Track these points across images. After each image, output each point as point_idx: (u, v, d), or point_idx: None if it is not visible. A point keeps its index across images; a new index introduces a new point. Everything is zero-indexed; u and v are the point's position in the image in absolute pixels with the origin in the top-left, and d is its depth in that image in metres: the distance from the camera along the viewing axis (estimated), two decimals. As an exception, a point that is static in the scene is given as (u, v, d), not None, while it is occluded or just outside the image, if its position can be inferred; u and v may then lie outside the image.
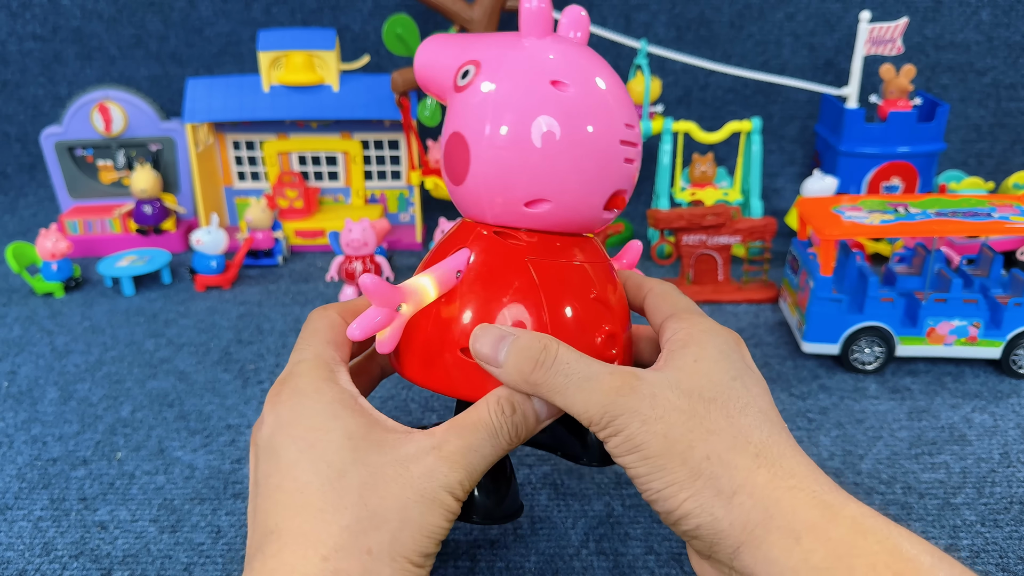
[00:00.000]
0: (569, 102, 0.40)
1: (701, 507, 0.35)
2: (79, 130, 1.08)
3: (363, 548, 0.34)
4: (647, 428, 0.36)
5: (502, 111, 0.40)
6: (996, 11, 1.13)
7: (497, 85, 0.41)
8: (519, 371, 0.38)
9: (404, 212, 1.14)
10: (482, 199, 0.42)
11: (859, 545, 0.32)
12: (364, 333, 0.40)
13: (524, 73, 0.41)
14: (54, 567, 0.54)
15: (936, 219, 0.72)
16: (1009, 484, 0.61)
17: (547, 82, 0.40)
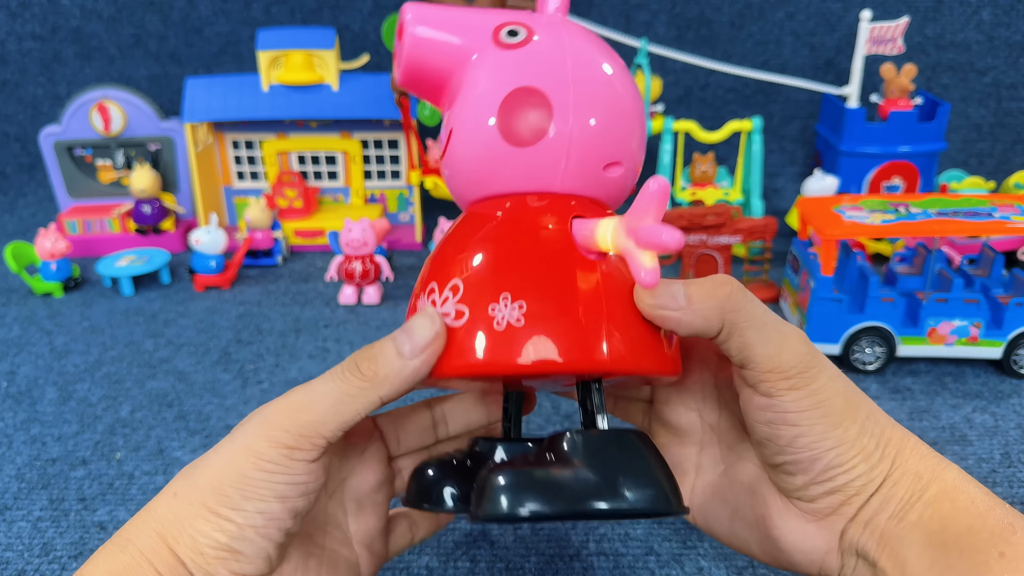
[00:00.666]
0: (617, 62, 0.40)
1: (865, 460, 0.36)
2: (78, 130, 1.08)
3: (171, 492, 0.36)
4: (832, 385, 0.36)
5: (585, 64, 0.37)
6: (997, 11, 1.13)
7: (561, 42, 0.38)
8: (715, 304, 0.35)
9: (404, 212, 1.14)
10: (559, 162, 0.37)
11: (961, 487, 0.35)
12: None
13: (573, 31, 0.39)
14: (53, 567, 0.53)
15: (937, 219, 0.71)
16: (1010, 484, 0.60)
17: (591, 37, 0.40)
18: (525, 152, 0.37)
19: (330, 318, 0.89)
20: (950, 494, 0.35)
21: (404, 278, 0.99)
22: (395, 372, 0.35)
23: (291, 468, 0.35)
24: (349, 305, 0.92)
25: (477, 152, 0.38)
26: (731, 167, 1.16)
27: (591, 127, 0.37)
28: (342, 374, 0.36)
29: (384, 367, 0.35)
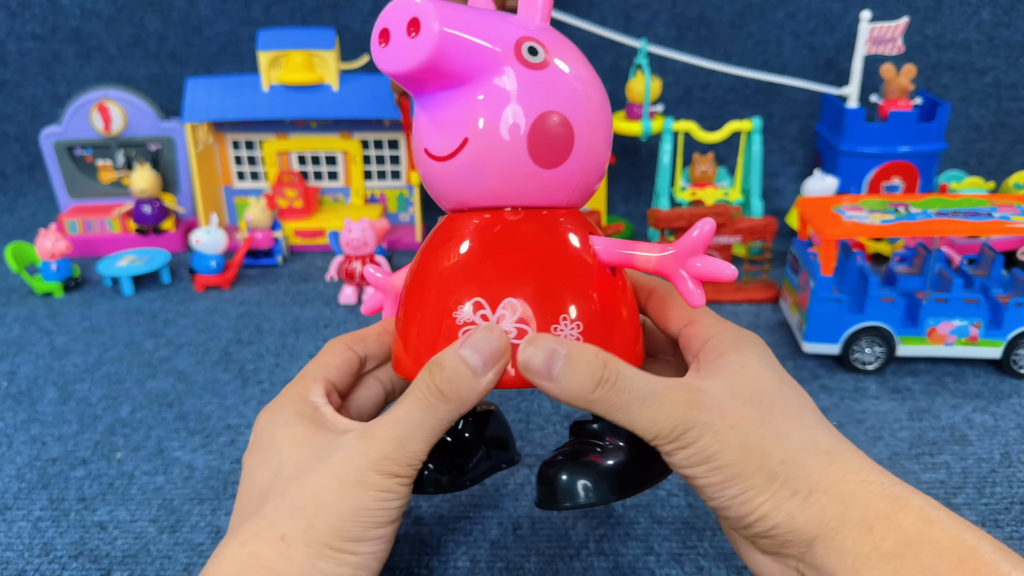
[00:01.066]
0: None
1: (778, 508, 0.35)
2: (78, 130, 1.08)
3: (276, 535, 0.36)
4: (720, 439, 0.36)
5: (591, 90, 0.42)
6: (997, 10, 1.13)
7: (571, 67, 0.42)
8: (579, 388, 0.37)
9: (404, 212, 1.14)
10: (571, 181, 0.42)
11: (926, 533, 0.33)
12: (369, 310, 0.49)
13: (574, 52, 0.43)
14: (53, 567, 0.54)
15: (937, 219, 0.71)
16: (1010, 484, 0.61)
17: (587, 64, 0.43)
18: (548, 172, 0.41)
19: (330, 318, 0.89)
20: (912, 546, 0.33)
21: (404, 278, 0.99)
22: (473, 390, 0.38)
23: (403, 492, 0.38)
24: (349, 305, 0.92)
25: (500, 167, 0.40)
26: (731, 167, 1.16)
27: (596, 150, 0.42)
28: (427, 400, 0.38)
29: (464, 387, 0.38)
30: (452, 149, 0.41)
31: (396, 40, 0.39)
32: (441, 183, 0.43)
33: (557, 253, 0.41)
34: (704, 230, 0.39)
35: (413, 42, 0.38)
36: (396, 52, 0.38)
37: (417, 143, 0.44)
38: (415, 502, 0.59)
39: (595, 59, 1.22)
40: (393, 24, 0.38)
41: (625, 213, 1.17)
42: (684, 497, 0.59)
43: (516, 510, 0.58)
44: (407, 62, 0.38)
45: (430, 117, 0.42)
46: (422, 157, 0.43)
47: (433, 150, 0.42)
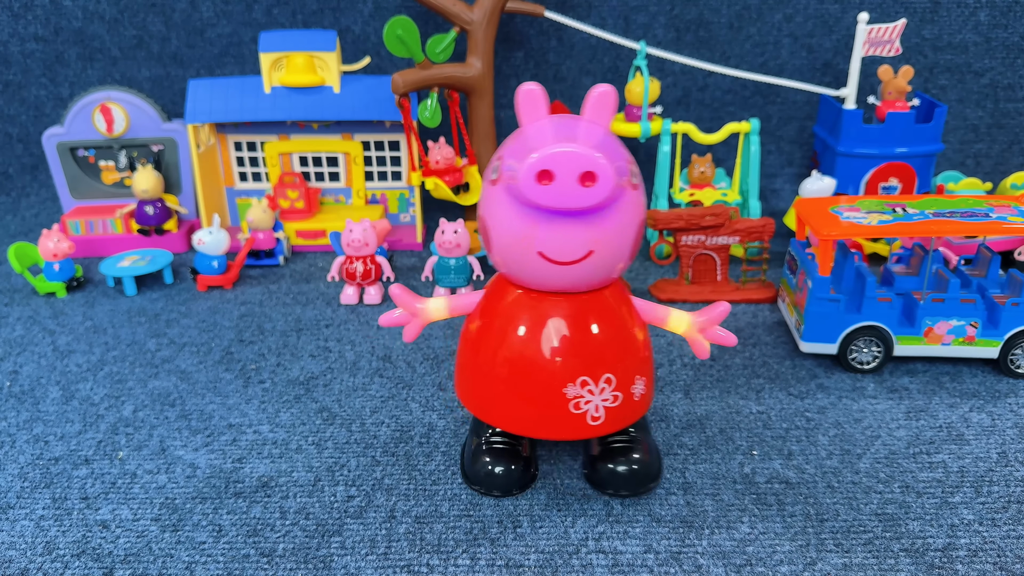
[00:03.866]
0: None
1: None
2: (81, 131, 1.08)
3: None
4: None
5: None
6: (994, 12, 1.14)
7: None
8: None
9: (404, 212, 1.14)
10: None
11: None
12: (388, 323, 0.58)
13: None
14: (56, 566, 0.54)
15: (934, 219, 0.72)
16: (1007, 483, 0.61)
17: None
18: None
19: (332, 318, 0.89)
20: None
21: (405, 278, 0.99)
22: None
23: None
24: (350, 305, 0.92)
25: (609, 269, 0.53)
26: (729, 168, 1.17)
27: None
28: None
29: None
30: (576, 258, 0.49)
31: (563, 184, 0.45)
32: (544, 278, 0.51)
33: (627, 329, 0.55)
34: (721, 311, 0.55)
35: (587, 191, 0.45)
36: (563, 194, 0.46)
37: (528, 245, 0.49)
38: (415, 500, 0.60)
39: (594, 61, 1.23)
40: (561, 170, 0.44)
41: (624, 214, 1.18)
42: (683, 496, 0.60)
43: (516, 508, 0.59)
44: (575, 204, 0.46)
45: (555, 231, 0.48)
46: (531, 257, 0.50)
47: (554, 256, 0.49)
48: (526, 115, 0.51)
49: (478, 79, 1.02)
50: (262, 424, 0.69)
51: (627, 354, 0.55)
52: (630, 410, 0.57)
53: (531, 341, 0.53)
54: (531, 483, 0.60)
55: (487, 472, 0.59)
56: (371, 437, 0.67)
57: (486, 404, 0.57)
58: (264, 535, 0.56)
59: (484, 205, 0.52)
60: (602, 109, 0.51)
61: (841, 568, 0.53)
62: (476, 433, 0.62)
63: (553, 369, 0.53)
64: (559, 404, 0.54)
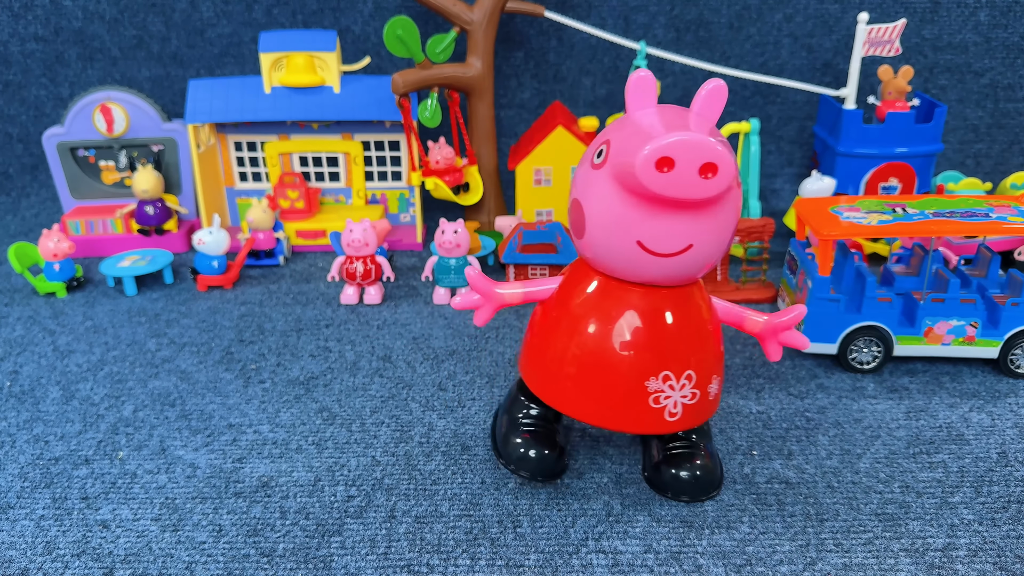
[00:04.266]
0: None
1: None
2: (81, 131, 1.08)
3: None
4: None
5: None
6: (994, 12, 1.14)
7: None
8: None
9: (405, 212, 1.14)
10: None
11: None
12: (461, 307, 0.58)
13: None
14: (56, 566, 0.54)
15: (934, 219, 0.72)
16: (1007, 483, 0.61)
17: None
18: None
19: (332, 318, 0.89)
20: None
21: (405, 278, 0.99)
22: None
23: None
24: (350, 305, 0.92)
25: (704, 262, 0.51)
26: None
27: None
28: None
29: None
30: (675, 251, 0.49)
31: (683, 173, 0.45)
32: (637, 268, 0.51)
33: (709, 327, 0.55)
34: (797, 314, 0.55)
35: (705, 182, 0.45)
36: (681, 183, 0.45)
37: (628, 233, 0.49)
38: (415, 500, 0.60)
39: (594, 61, 1.23)
40: (683, 159, 0.44)
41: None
42: (682, 495, 0.60)
43: (516, 508, 0.59)
44: (692, 194, 0.45)
45: (658, 221, 0.48)
46: (628, 245, 0.49)
47: (652, 247, 0.49)
48: (636, 102, 0.50)
49: (478, 79, 1.02)
50: (262, 424, 0.69)
51: (708, 352, 0.55)
52: (705, 408, 0.56)
53: (617, 331, 0.53)
54: (563, 472, 0.60)
55: (521, 454, 0.58)
56: (371, 437, 0.67)
57: (558, 391, 0.56)
58: (264, 535, 0.57)
59: (582, 188, 0.50)
60: (714, 103, 0.49)
61: (841, 568, 0.53)
62: (509, 411, 0.62)
63: (637, 361, 0.53)
64: (639, 397, 0.54)
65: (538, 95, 1.21)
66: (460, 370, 0.78)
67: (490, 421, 0.68)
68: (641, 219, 0.48)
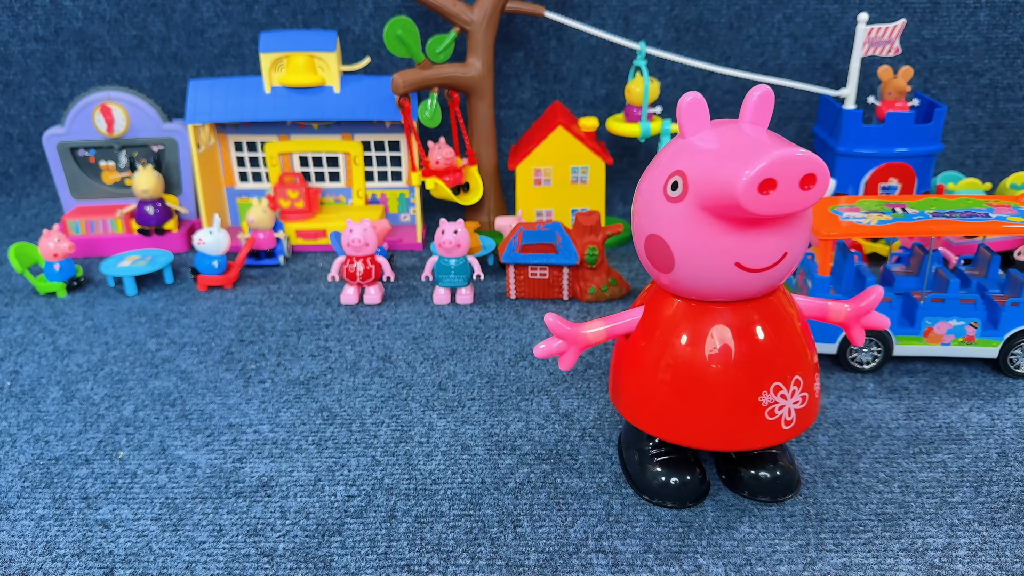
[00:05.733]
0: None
1: None
2: (81, 131, 1.08)
3: None
4: None
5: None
6: (994, 12, 1.14)
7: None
8: None
9: (405, 212, 1.14)
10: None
11: None
12: (545, 354, 0.54)
13: None
14: (56, 565, 0.54)
15: (934, 219, 0.72)
16: (1007, 483, 0.61)
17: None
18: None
19: (332, 318, 0.89)
20: None
21: (405, 278, 0.99)
22: None
23: None
24: (351, 305, 0.92)
25: (792, 267, 0.52)
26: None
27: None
28: None
29: None
30: (772, 263, 0.49)
31: (786, 190, 0.44)
32: (737, 288, 0.51)
33: (802, 327, 0.55)
34: (876, 296, 0.56)
35: (806, 194, 0.45)
36: (784, 200, 0.45)
37: (726, 257, 0.49)
38: (415, 500, 0.60)
39: (594, 61, 1.23)
40: (784, 176, 0.44)
41: (624, 214, 1.18)
42: (682, 495, 0.60)
43: (516, 508, 0.59)
44: (794, 208, 0.45)
45: (753, 239, 0.48)
46: (728, 269, 0.49)
47: (751, 264, 0.49)
48: (692, 125, 0.50)
49: (478, 79, 1.02)
50: (262, 424, 0.69)
51: (807, 352, 0.55)
52: (814, 409, 0.56)
53: (723, 354, 0.52)
54: (707, 492, 0.59)
55: (661, 484, 0.58)
56: (371, 437, 0.67)
57: (673, 424, 0.55)
58: (264, 535, 0.57)
59: (659, 223, 0.50)
60: (765, 110, 0.49)
61: (841, 568, 0.53)
62: (636, 444, 0.61)
63: (748, 379, 0.53)
64: (755, 413, 0.53)
65: (538, 95, 1.21)
66: (460, 370, 0.78)
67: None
68: (738, 241, 0.48)
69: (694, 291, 0.52)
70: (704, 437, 0.55)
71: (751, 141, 0.47)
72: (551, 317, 0.54)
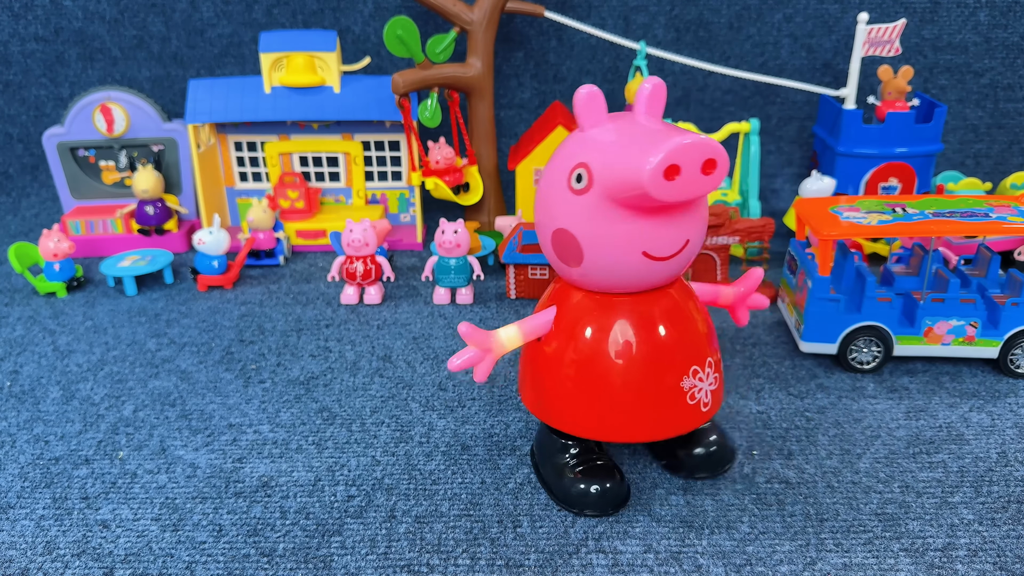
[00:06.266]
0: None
1: None
2: (81, 131, 1.08)
3: None
4: None
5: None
6: (994, 12, 1.14)
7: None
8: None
9: (405, 212, 1.14)
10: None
11: None
12: (462, 367, 0.53)
13: None
14: (56, 566, 0.54)
15: (934, 219, 0.72)
16: (1007, 483, 0.61)
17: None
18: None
19: (332, 318, 0.89)
20: None
21: (405, 278, 0.99)
22: None
23: None
24: (351, 305, 0.92)
25: (693, 256, 0.53)
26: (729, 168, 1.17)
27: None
28: None
29: None
30: (677, 250, 0.50)
31: (689, 176, 0.45)
32: (643, 277, 0.51)
33: (705, 310, 0.57)
34: (756, 277, 0.61)
35: (708, 178, 0.46)
36: (688, 185, 0.46)
37: (633, 246, 0.49)
38: (415, 500, 0.60)
39: (594, 61, 1.23)
40: (688, 162, 0.45)
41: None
42: (683, 496, 0.60)
43: (516, 508, 0.59)
44: (697, 193, 0.46)
45: (659, 227, 0.49)
46: (635, 258, 0.49)
47: (657, 252, 0.49)
48: (591, 118, 0.50)
49: (478, 79, 1.02)
50: (262, 424, 0.69)
51: (713, 335, 0.57)
52: (722, 389, 0.59)
53: (644, 343, 0.53)
54: (628, 496, 0.59)
55: (582, 494, 0.57)
56: (371, 437, 0.67)
57: (601, 423, 0.55)
58: (264, 535, 0.57)
59: (568, 218, 0.50)
60: (657, 103, 0.50)
61: (841, 568, 0.53)
62: (550, 458, 0.60)
63: (671, 365, 0.54)
64: (678, 399, 0.55)
65: (538, 95, 1.21)
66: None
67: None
68: (644, 229, 0.48)
69: (603, 283, 0.52)
70: (635, 430, 0.55)
71: (650, 131, 0.47)
72: (464, 327, 0.52)
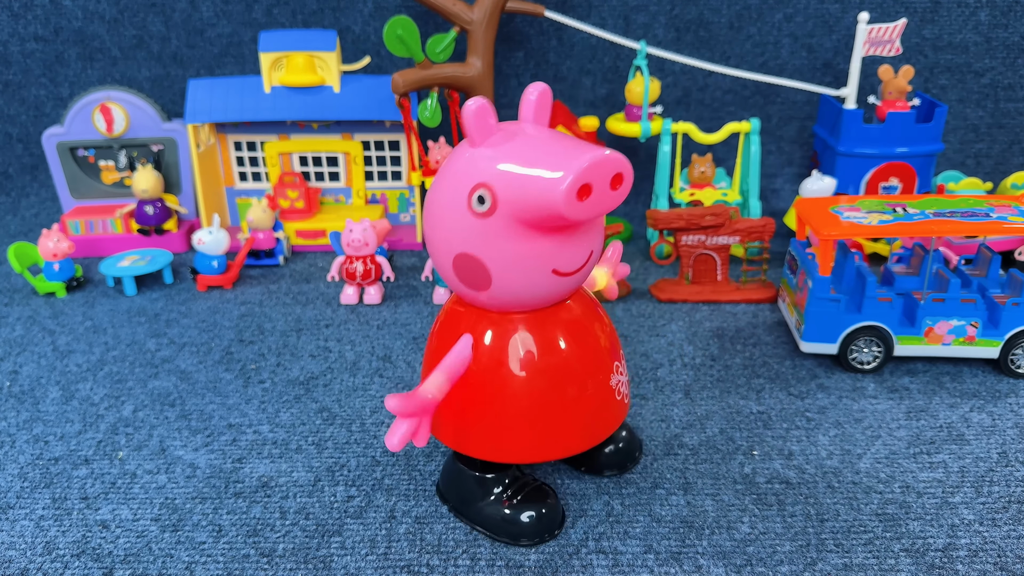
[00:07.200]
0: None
1: None
2: (81, 131, 1.08)
3: None
4: None
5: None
6: (994, 12, 1.14)
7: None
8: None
9: (404, 212, 1.14)
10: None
11: None
12: (402, 444, 0.48)
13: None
14: (56, 566, 0.54)
15: (934, 219, 0.72)
16: (1007, 483, 0.61)
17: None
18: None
19: (331, 318, 0.89)
20: None
21: (405, 278, 0.99)
22: None
23: None
24: (350, 305, 0.92)
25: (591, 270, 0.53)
26: (729, 168, 1.17)
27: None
28: None
29: None
30: (583, 264, 0.50)
31: (600, 194, 0.44)
32: (553, 293, 0.51)
33: (606, 321, 0.57)
34: (615, 250, 0.65)
35: (616, 193, 0.45)
36: (599, 203, 0.45)
37: (543, 265, 0.48)
38: (415, 500, 0.60)
39: (594, 61, 1.23)
40: (598, 180, 0.44)
41: (624, 214, 1.18)
42: (683, 496, 0.60)
43: (516, 508, 0.59)
44: (607, 209, 0.45)
45: (566, 243, 0.48)
46: (545, 277, 0.49)
47: (566, 268, 0.49)
48: (481, 133, 0.48)
49: (478, 79, 1.02)
50: (262, 424, 0.69)
51: (615, 337, 0.59)
52: (627, 382, 0.60)
53: (573, 354, 0.53)
54: (564, 521, 0.57)
55: (521, 525, 0.55)
56: (371, 437, 0.67)
57: (536, 443, 0.53)
58: (264, 535, 0.56)
59: (471, 242, 0.47)
60: (543, 109, 0.49)
61: (841, 568, 0.53)
62: (473, 501, 0.57)
63: (601, 365, 0.55)
64: (610, 396, 0.56)
65: (538, 95, 1.21)
66: (460, 370, 0.78)
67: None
68: (552, 247, 0.47)
69: (511, 303, 0.51)
70: (579, 441, 0.54)
71: (550, 146, 0.45)
72: (392, 400, 0.47)
